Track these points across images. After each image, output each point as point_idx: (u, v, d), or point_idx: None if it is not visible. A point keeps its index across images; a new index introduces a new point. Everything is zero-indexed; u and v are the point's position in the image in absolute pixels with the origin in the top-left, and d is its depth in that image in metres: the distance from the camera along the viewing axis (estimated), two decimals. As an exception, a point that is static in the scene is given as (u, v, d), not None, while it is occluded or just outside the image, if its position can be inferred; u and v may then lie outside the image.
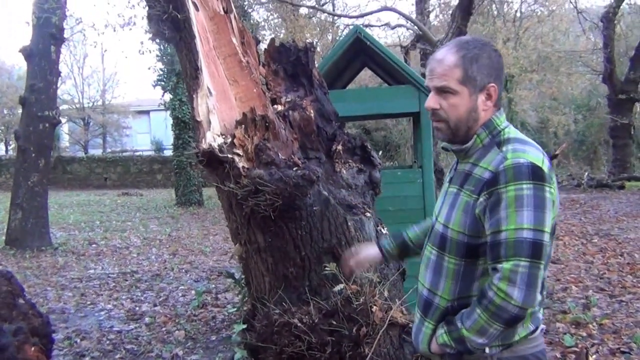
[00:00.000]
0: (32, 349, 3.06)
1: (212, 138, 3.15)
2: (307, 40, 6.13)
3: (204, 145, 3.15)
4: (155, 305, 6.63)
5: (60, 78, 11.47)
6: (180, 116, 17.33)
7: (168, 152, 29.37)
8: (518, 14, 20.28)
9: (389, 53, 5.01)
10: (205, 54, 3.63)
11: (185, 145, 17.32)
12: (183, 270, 8.44)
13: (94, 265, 9.05)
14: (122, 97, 40.25)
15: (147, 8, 3.52)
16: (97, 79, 38.72)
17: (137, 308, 6.54)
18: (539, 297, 1.62)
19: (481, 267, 1.75)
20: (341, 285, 2.95)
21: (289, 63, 3.79)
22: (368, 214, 3.32)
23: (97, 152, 34.16)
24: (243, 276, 3.50)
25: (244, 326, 3.25)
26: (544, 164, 1.64)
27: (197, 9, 3.63)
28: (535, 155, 1.65)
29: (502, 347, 1.73)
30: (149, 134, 38.74)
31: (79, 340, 5.45)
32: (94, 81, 38.67)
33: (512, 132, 1.77)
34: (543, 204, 1.60)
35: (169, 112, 18.34)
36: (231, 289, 7.09)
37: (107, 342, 5.41)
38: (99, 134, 37.03)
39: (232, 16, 3.82)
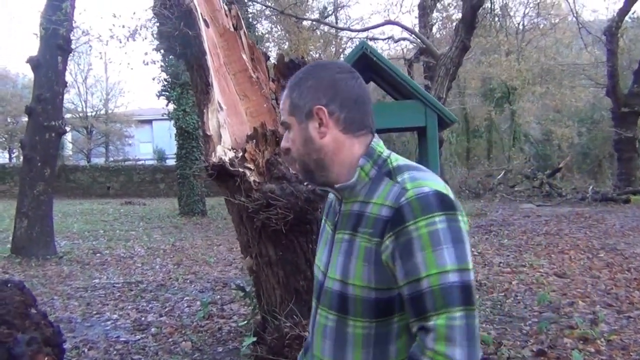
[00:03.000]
0: (45, 359, 3.11)
1: (223, 152, 3.21)
2: (316, 55, 6.19)
3: (215, 159, 3.21)
4: (161, 316, 6.65)
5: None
6: (184, 126, 17.42)
7: (170, 162, 29.49)
8: (521, 27, 20.42)
9: (395, 69, 5.08)
10: (216, 70, 3.70)
11: (189, 155, 17.42)
12: (188, 281, 8.47)
13: (99, 274, 9.08)
14: (125, 106, 40.49)
15: (158, 24, 3.58)
16: (100, 88, 39.00)
17: (143, 318, 6.57)
18: (480, 352, 1.30)
19: (396, 324, 1.40)
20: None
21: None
22: None
23: (99, 160, 34.31)
24: (253, 289, 3.55)
25: (254, 339, 3.30)
26: (449, 191, 1.36)
27: (207, 25, 3.71)
28: (437, 182, 1.37)
29: None
30: (152, 143, 38.94)
31: (86, 350, 5.48)
32: (97, 90, 38.96)
33: (399, 159, 1.46)
34: (460, 236, 1.31)
35: (172, 122, 18.44)
36: (237, 300, 7.12)
37: (114, 352, 5.44)
38: (101, 143, 37.20)
39: (241, 33, 3.90)
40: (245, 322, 3.68)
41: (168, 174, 25.39)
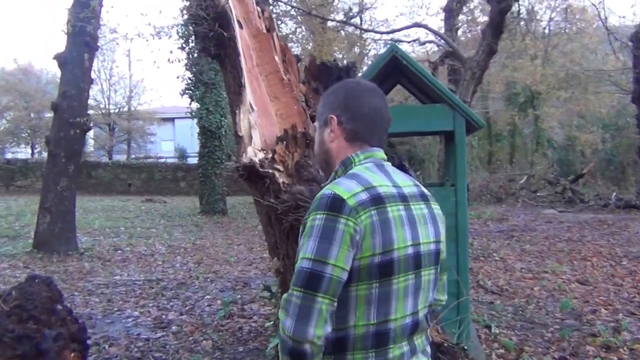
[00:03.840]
0: (72, 355, 3.11)
1: (254, 153, 3.19)
2: (339, 57, 6.15)
3: (245, 160, 3.19)
4: (181, 314, 6.66)
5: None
6: (206, 125, 17.45)
7: (192, 160, 29.64)
8: (547, 31, 20.20)
9: (424, 72, 5.02)
10: (249, 71, 3.69)
11: (211, 154, 17.45)
12: (208, 280, 8.48)
13: (120, 271, 9.13)
14: (147, 104, 40.79)
15: (193, 25, 3.58)
16: (123, 85, 39.22)
17: (164, 316, 6.58)
18: (314, 332, 1.47)
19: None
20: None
21: (330, 82, 3.82)
22: None
23: (121, 157, 34.55)
24: (279, 290, 3.52)
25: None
26: (354, 196, 1.54)
27: (241, 27, 3.69)
28: (346, 187, 1.57)
29: None
30: (173, 141, 39.19)
31: (107, 347, 5.50)
32: (120, 87, 39.24)
33: (359, 169, 1.67)
34: (331, 235, 1.50)
35: (195, 121, 18.50)
36: (257, 300, 7.11)
37: (135, 349, 5.45)
38: (123, 140, 37.45)
39: (274, 34, 3.88)
40: (272, 322, 3.64)
41: (189, 172, 25.48)
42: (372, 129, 1.74)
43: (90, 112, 30.55)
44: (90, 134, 33.45)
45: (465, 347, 3.08)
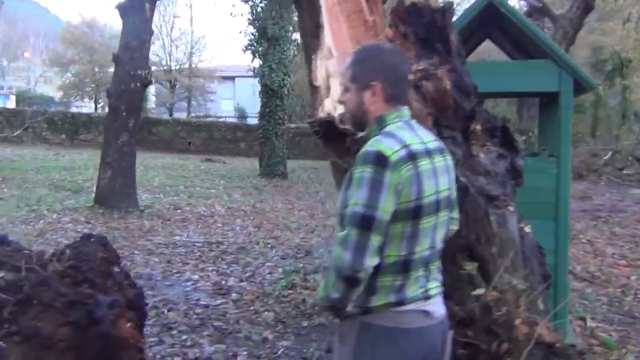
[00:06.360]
0: (128, 325, 2.71)
1: (333, 106, 2.72)
2: (446, 1, 5.51)
3: (322, 114, 2.73)
4: (241, 281, 6.34)
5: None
6: (268, 83, 16.84)
7: (251, 120, 29.42)
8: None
9: (527, 22, 4.38)
10: (328, 10, 3.20)
11: (272, 114, 16.87)
12: (269, 246, 8.13)
13: (180, 231, 8.90)
14: (208, 61, 40.63)
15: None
16: (185, 42, 39.01)
17: (224, 282, 6.27)
18: (368, 263, 1.80)
19: None
20: (481, 290, 2.46)
21: (421, 26, 3.25)
22: (511, 208, 2.79)
23: (181, 115, 34.69)
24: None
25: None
26: (395, 153, 1.84)
27: (319, -41, 3.18)
28: (388, 145, 1.86)
29: (362, 310, 1.92)
30: (233, 100, 39.06)
31: (165, 311, 5.23)
32: (181, 44, 39.03)
33: (392, 127, 1.96)
34: (379, 186, 1.81)
35: (257, 79, 18.01)
36: (321, 271, 6.72)
37: (194, 316, 5.16)
38: (184, 98, 37.57)
39: (356, -33, 3.34)
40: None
41: (249, 133, 25.14)
42: (404, 90, 2.06)
43: (152, 68, 30.84)
44: (152, 90, 33.73)
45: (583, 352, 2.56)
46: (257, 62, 17.58)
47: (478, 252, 2.73)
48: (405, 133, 1.94)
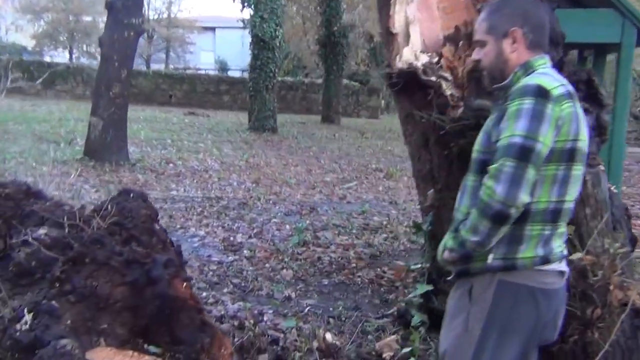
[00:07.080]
0: (184, 284, 2.54)
1: (414, 56, 2.51)
2: None
3: (401, 65, 2.53)
4: (250, 237, 6.20)
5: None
6: (260, 34, 16.21)
7: (233, 73, 28.76)
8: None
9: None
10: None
11: (263, 67, 16.27)
12: (270, 202, 7.98)
13: (175, 186, 8.70)
14: (188, 11, 39.37)
15: None
16: (163, -11, 37.68)
17: (232, 238, 6.13)
18: (523, 197, 1.69)
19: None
20: (578, 254, 2.35)
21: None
22: (602, 167, 2.66)
23: (159, 67, 33.76)
24: (429, 227, 2.91)
25: (430, 287, 2.70)
26: (556, 88, 1.76)
27: None
28: (548, 80, 1.78)
29: (505, 262, 1.81)
30: (214, 52, 38.10)
31: (179, 269, 5.06)
32: (160, -8, 37.70)
33: (544, 70, 1.87)
34: (541, 116, 1.71)
35: (242, 31, 17.38)
36: (330, 228, 6.61)
37: (210, 273, 5.03)
38: (162, 49, 36.53)
39: None
40: (419, 265, 3.07)
41: (233, 86, 24.60)
42: (545, 37, 1.96)
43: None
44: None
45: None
46: (248, 13, 16.96)
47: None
48: (557, 75, 1.87)
